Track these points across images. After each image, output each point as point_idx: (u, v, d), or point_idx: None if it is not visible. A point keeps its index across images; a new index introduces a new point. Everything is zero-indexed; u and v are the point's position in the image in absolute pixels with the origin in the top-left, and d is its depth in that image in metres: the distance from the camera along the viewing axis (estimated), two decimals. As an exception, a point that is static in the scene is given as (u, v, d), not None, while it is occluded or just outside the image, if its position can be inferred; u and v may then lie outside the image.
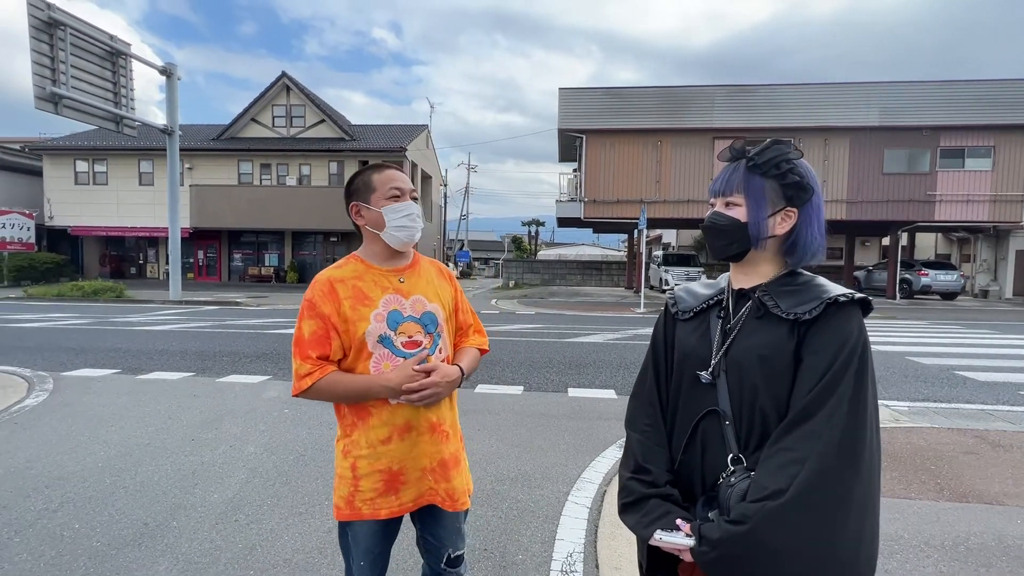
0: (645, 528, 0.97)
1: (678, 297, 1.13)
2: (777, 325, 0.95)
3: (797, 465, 0.85)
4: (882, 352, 7.73)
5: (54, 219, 22.90)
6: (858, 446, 0.86)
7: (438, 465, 1.36)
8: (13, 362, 6.33)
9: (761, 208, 0.98)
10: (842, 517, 0.84)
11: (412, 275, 1.39)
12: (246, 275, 23.73)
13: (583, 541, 2.45)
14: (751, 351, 0.96)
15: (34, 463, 3.32)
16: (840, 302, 0.93)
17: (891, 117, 17.52)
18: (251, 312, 12.74)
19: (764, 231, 0.99)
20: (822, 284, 0.98)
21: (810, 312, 0.93)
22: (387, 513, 1.34)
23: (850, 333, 0.91)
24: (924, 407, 4.86)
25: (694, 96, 18.23)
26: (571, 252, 36.02)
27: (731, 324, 1.01)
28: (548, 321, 11.60)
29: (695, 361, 1.02)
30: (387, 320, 1.32)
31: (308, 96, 23.58)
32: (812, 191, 0.99)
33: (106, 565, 2.22)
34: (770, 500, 0.84)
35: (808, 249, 1.00)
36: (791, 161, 0.98)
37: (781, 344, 0.94)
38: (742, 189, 1.00)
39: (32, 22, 11.82)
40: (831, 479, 0.84)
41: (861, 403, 0.87)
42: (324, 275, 1.35)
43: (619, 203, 18.49)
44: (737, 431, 0.96)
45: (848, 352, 0.89)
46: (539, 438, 3.93)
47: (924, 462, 3.42)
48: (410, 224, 1.34)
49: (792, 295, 0.97)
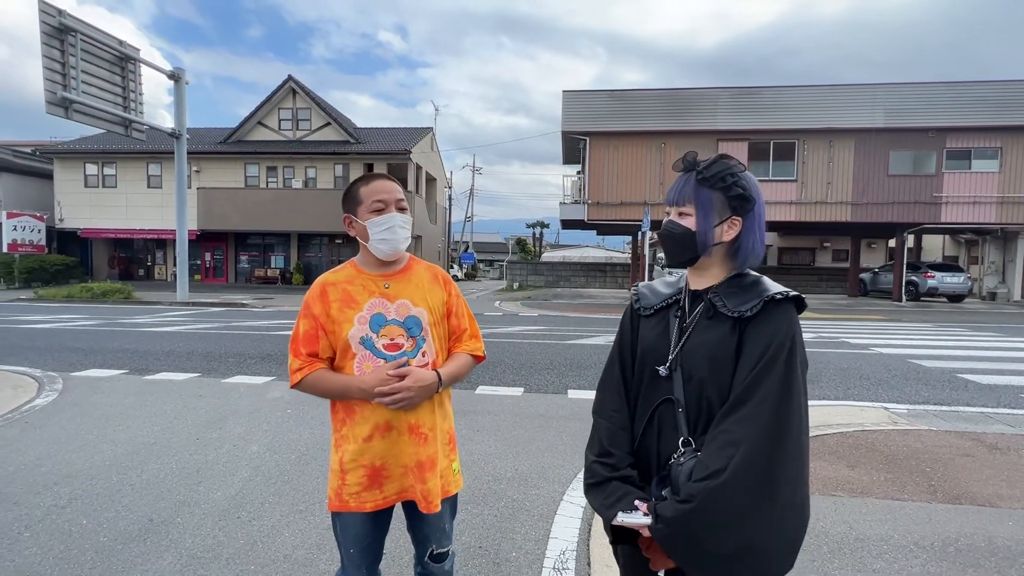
0: (608, 509, 1.07)
1: (641, 294, 1.23)
2: (723, 322, 1.06)
3: (733, 447, 0.96)
4: (884, 355, 7.72)
5: (64, 221, 23.22)
6: (786, 427, 0.97)
7: (415, 466, 1.41)
8: (24, 362, 6.46)
9: (709, 218, 1.09)
10: (774, 490, 0.96)
11: (401, 280, 1.46)
12: (252, 277, 23.94)
13: (576, 540, 2.50)
14: (701, 348, 1.07)
15: (44, 461, 3.41)
16: (776, 299, 1.04)
17: (896, 118, 17.45)
18: (256, 313, 12.88)
19: (711, 239, 1.09)
20: (764, 284, 1.08)
21: (751, 309, 1.04)
22: (372, 506, 1.40)
23: (780, 326, 1.01)
24: (923, 410, 4.86)
25: (698, 98, 18.24)
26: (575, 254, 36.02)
27: (687, 323, 1.12)
28: (551, 323, 11.64)
29: (655, 356, 1.13)
30: (370, 322, 1.39)
31: (314, 99, 23.78)
32: (754, 202, 1.09)
33: (112, 560, 2.29)
34: (711, 479, 0.95)
35: (751, 253, 1.11)
36: (735, 174, 1.08)
37: (725, 340, 1.05)
38: (692, 200, 1.09)
39: (43, 28, 12.04)
40: (762, 456, 0.95)
41: (790, 388, 0.98)
42: (320, 278, 1.46)
43: (623, 205, 18.51)
44: (688, 417, 1.07)
45: (779, 343, 0.99)
46: (537, 439, 3.98)
47: (919, 464, 3.44)
48: (390, 236, 1.40)
49: (738, 295, 1.08)
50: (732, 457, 0.95)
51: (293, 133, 23.91)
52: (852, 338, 9.40)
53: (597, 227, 22.59)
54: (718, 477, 0.94)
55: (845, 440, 3.89)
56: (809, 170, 18.11)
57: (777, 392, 0.97)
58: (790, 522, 0.99)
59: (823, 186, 18.06)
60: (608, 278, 27.10)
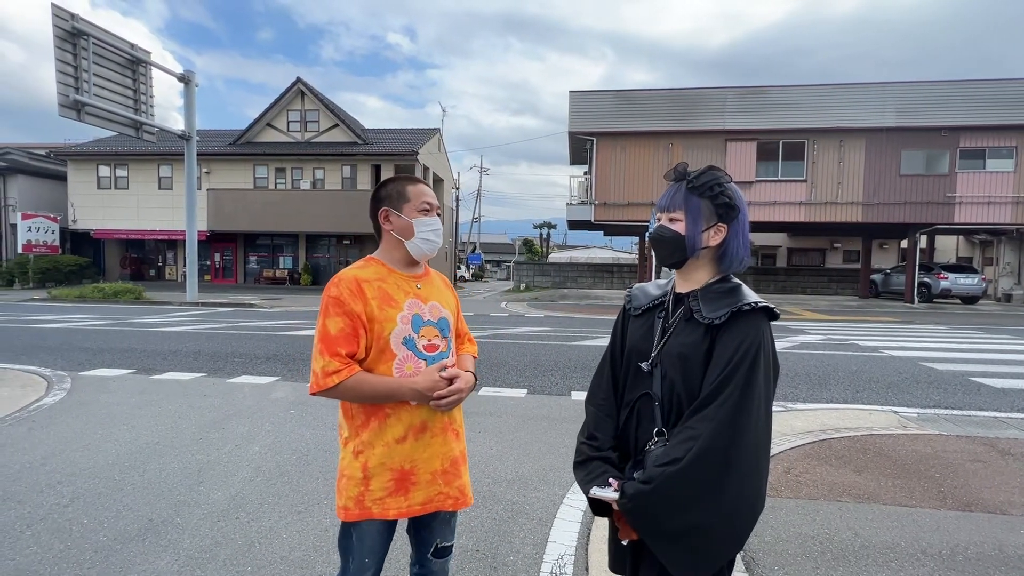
0: (586, 484, 1.21)
1: (633, 295, 1.34)
2: (697, 328, 1.16)
3: (693, 441, 1.07)
4: (895, 357, 7.60)
5: (77, 222, 23.56)
6: (743, 426, 1.07)
7: (450, 464, 1.42)
8: (35, 361, 6.55)
9: (697, 223, 1.18)
10: (725, 480, 1.07)
11: (427, 283, 1.48)
12: (261, 277, 24.13)
13: (575, 544, 2.47)
14: (676, 348, 1.18)
15: (49, 459, 3.44)
16: (743, 310, 1.12)
17: (908, 118, 17.21)
18: (264, 314, 12.96)
19: (699, 243, 1.19)
20: (739, 294, 1.17)
21: (720, 318, 1.13)
22: (395, 513, 1.37)
23: (747, 335, 1.10)
24: (934, 414, 4.77)
25: (705, 98, 18.11)
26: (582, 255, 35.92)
27: (668, 324, 1.22)
28: (556, 324, 11.61)
29: (639, 353, 1.24)
30: (412, 322, 1.38)
31: (322, 101, 23.93)
32: (739, 210, 1.19)
33: (110, 559, 2.30)
34: (670, 466, 1.08)
35: (735, 258, 1.21)
36: (722, 184, 1.18)
37: (697, 344, 1.15)
38: (682, 207, 1.19)
39: (57, 32, 12.22)
40: (717, 451, 1.06)
41: (751, 392, 1.07)
42: (350, 274, 1.36)
43: (630, 206, 18.42)
44: (663, 410, 1.18)
45: (744, 351, 1.09)
46: (539, 441, 3.96)
47: (928, 470, 3.37)
48: (435, 239, 1.43)
49: (714, 301, 1.17)
50: (690, 449, 1.06)
51: (301, 135, 24.08)
52: (862, 340, 9.27)
53: (604, 228, 22.50)
54: (676, 464, 1.07)
55: (852, 444, 3.82)
56: (819, 170, 17.91)
57: (738, 396, 1.07)
58: (739, 511, 1.09)
59: (833, 186, 17.86)
60: (615, 279, 27.00)
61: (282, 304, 15.42)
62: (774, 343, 1.15)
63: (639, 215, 17.98)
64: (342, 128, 23.82)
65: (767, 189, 18.01)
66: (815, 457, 3.57)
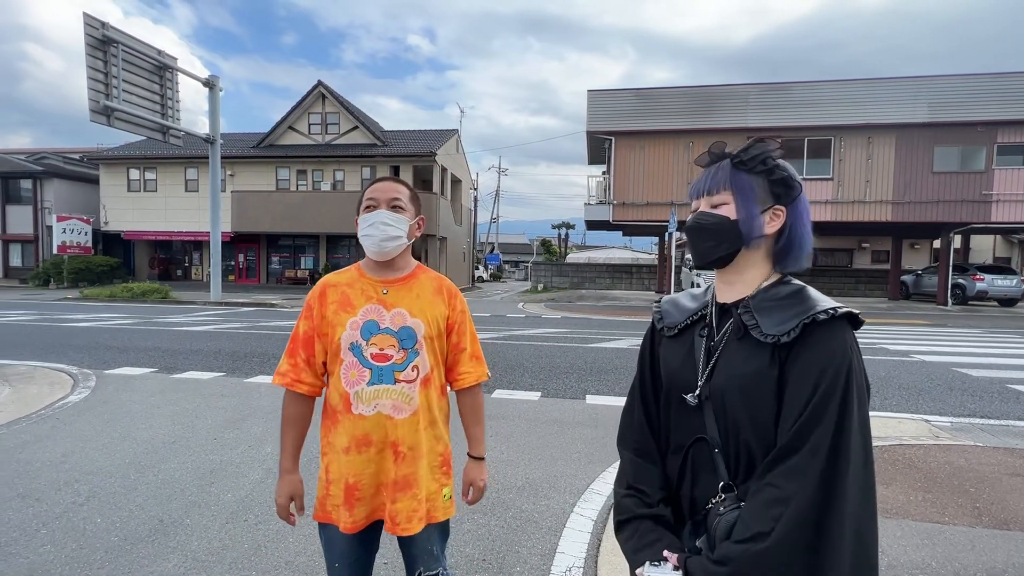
0: (634, 554, 0.95)
1: (664, 311, 1.08)
2: (757, 349, 0.90)
3: (781, 505, 0.81)
4: (926, 362, 7.29)
5: (109, 224, 24.33)
6: (843, 482, 0.82)
7: (391, 484, 1.35)
8: (63, 359, 6.75)
9: (751, 204, 0.94)
10: (827, 557, 0.81)
11: (401, 288, 1.39)
12: (283, 277, 24.57)
13: (584, 556, 2.40)
14: (733, 380, 0.91)
15: (69, 457, 3.51)
16: (819, 320, 0.86)
17: (942, 112, 16.55)
18: (284, 314, 13.17)
19: (757, 228, 0.94)
20: (807, 297, 0.91)
21: (788, 334, 0.87)
22: (343, 527, 1.34)
23: (832, 355, 0.84)
24: (969, 423, 4.54)
25: (727, 95, 17.75)
26: (601, 255, 35.62)
27: (714, 343, 0.97)
28: (573, 325, 11.50)
29: (680, 383, 0.98)
30: (361, 328, 1.34)
31: (342, 103, 24.24)
32: (799, 188, 0.95)
33: (120, 560, 2.31)
34: (753, 543, 0.81)
35: (803, 249, 0.95)
36: (775, 158, 0.95)
37: (763, 371, 0.89)
38: (729, 186, 0.95)
39: (88, 40, 12.64)
40: (811, 520, 0.81)
41: (847, 430, 0.82)
42: (323, 279, 1.44)
43: (648, 205, 18.17)
44: (726, 459, 0.92)
45: (830, 380, 0.83)
46: (551, 446, 3.89)
47: (963, 483, 3.19)
48: (372, 232, 1.34)
49: (775, 310, 0.91)
50: (779, 518, 0.81)
51: (322, 137, 24.43)
52: (892, 344, 8.93)
53: (623, 228, 22.26)
54: (762, 541, 0.81)
55: (880, 455, 3.65)
56: (846, 168, 17.38)
57: (830, 441, 0.81)
58: None
59: (861, 184, 17.30)
60: (634, 279, 26.67)
61: (302, 304, 15.63)
62: (862, 359, 0.88)
63: (658, 215, 17.71)
64: (361, 130, 24.09)
65: (791, 188, 17.55)
66: (839, 468, 3.42)
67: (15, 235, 25.08)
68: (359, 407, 1.33)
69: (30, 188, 24.84)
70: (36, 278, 22.18)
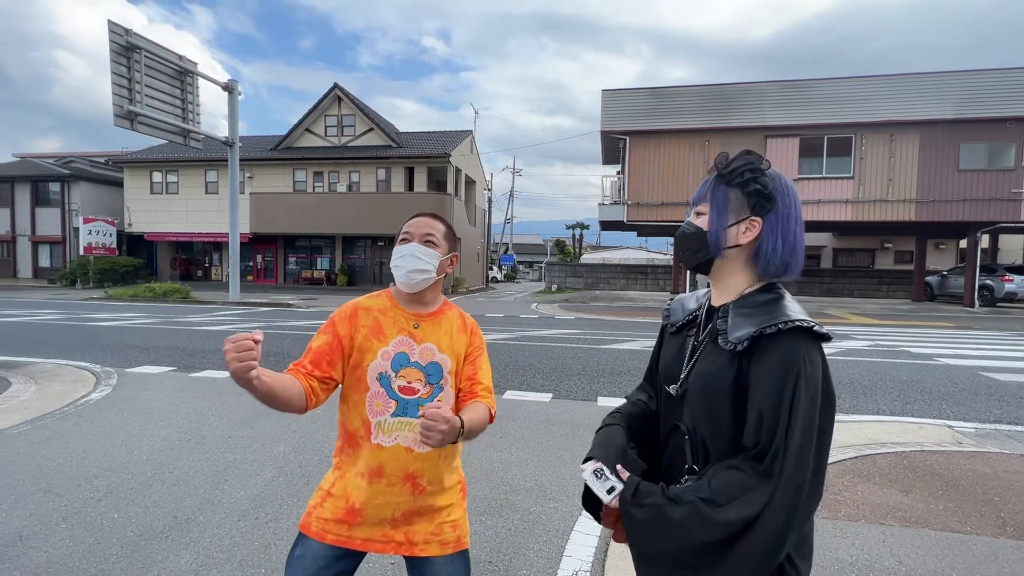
0: (591, 449, 1.07)
1: (672, 309, 1.18)
2: (722, 353, 0.98)
3: (740, 490, 0.88)
4: (950, 366, 7.08)
5: (132, 226, 24.98)
6: (802, 495, 0.87)
7: (402, 515, 1.32)
8: (87, 357, 6.94)
9: (722, 216, 1.00)
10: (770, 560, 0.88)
11: (431, 323, 1.39)
12: (300, 278, 24.93)
13: (591, 559, 2.38)
14: (699, 379, 1.00)
15: (89, 454, 3.60)
16: (767, 333, 0.91)
17: (968, 108, 16.07)
18: (300, 314, 13.35)
19: (723, 240, 1.01)
20: (775, 309, 0.95)
21: (742, 343, 0.94)
22: (332, 539, 1.31)
23: (782, 365, 0.89)
24: (995, 429, 4.40)
25: (744, 93, 17.47)
26: (615, 256, 35.38)
27: (697, 342, 1.06)
28: (587, 326, 11.43)
29: (669, 375, 1.09)
30: (393, 360, 1.33)
31: (358, 106, 24.51)
32: (775, 201, 0.98)
33: (135, 555, 2.36)
34: (706, 505, 0.89)
35: (771, 260, 0.98)
36: (756, 170, 0.99)
37: (721, 374, 0.96)
38: (708, 198, 1.03)
39: (113, 47, 12.97)
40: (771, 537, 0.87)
41: (803, 454, 0.87)
42: (353, 301, 1.41)
43: (664, 206, 17.98)
44: (692, 446, 1.02)
45: (778, 387, 0.88)
46: (561, 448, 3.87)
47: (986, 492, 3.08)
48: (402, 264, 1.34)
49: (746, 318, 0.97)
50: (731, 500, 0.88)
51: (338, 139, 24.72)
52: (914, 347, 8.69)
53: (637, 228, 22.07)
54: (712, 507, 0.89)
55: (900, 461, 3.56)
56: (867, 166, 16.98)
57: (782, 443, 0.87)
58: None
59: (883, 183, 16.89)
60: (649, 280, 26.44)
61: (318, 304, 15.84)
62: (825, 370, 0.91)
63: (673, 215, 17.53)
64: (377, 132, 24.32)
65: (811, 187, 17.20)
66: (856, 474, 3.33)
67: (44, 236, 25.90)
68: (379, 437, 1.31)
69: (58, 191, 25.63)
70: (63, 278, 22.86)
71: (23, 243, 26.15)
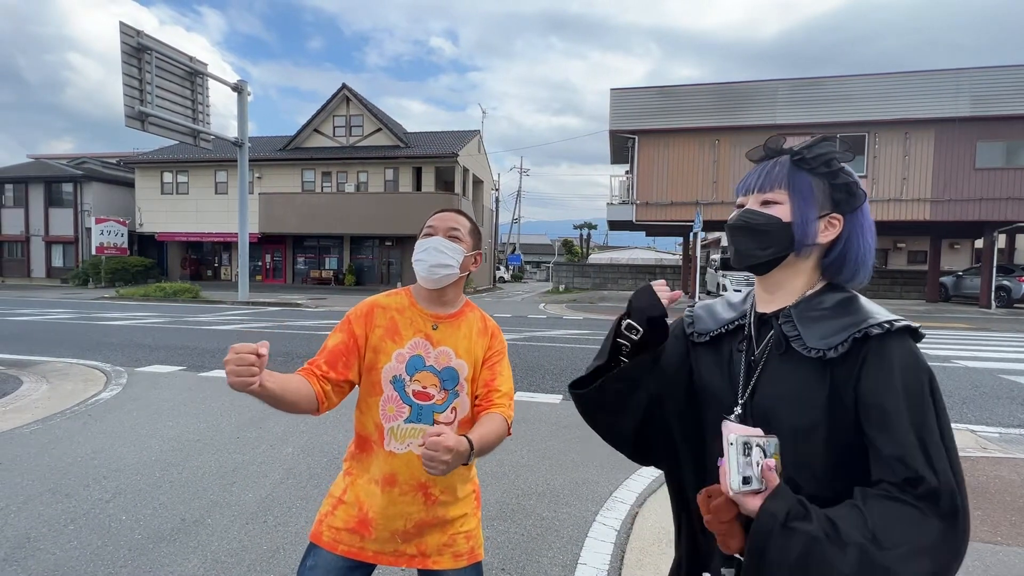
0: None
1: (696, 317, 1.00)
2: (802, 364, 0.81)
3: (928, 559, 0.70)
4: (969, 368, 6.92)
5: (143, 226, 25.20)
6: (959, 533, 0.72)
7: (413, 527, 1.26)
8: (98, 357, 6.97)
9: (810, 207, 0.85)
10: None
11: (449, 326, 1.32)
12: (308, 278, 25.02)
13: (607, 567, 2.31)
14: (778, 403, 0.82)
15: (98, 454, 3.59)
16: (873, 333, 0.76)
17: (985, 106, 15.78)
18: (309, 313, 13.37)
19: (811, 234, 0.85)
20: (859, 309, 0.82)
21: (835, 349, 0.78)
22: (344, 550, 1.26)
23: (907, 370, 0.75)
24: (1020, 434, 4.27)
25: (754, 91, 17.29)
26: (623, 256, 35.23)
27: (754, 357, 0.88)
28: (595, 327, 11.35)
29: (717, 400, 0.91)
30: (407, 363, 1.28)
31: (366, 106, 24.57)
32: (863, 197, 0.87)
33: (143, 559, 2.33)
34: (875, 547, 0.69)
35: (860, 265, 0.87)
36: (840, 161, 0.86)
37: (811, 394, 0.80)
38: (785, 185, 0.86)
39: (124, 48, 13.07)
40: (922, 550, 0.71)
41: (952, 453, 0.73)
42: (370, 298, 1.36)
43: (673, 205, 17.84)
44: None
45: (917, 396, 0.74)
46: (573, 451, 3.80)
47: (1016, 500, 2.98)
48: (425, 257, 1.28)
49: (820, 321, 0.82)
50: (907, 541, 0.70)
51: (346, 139, 24.79)
52: (931, 349, 8.52)
53: (646, 228, 21.94)
54: (879, 549, 0.69)
55: (922, 467, 3.45)
56: (881, 165, 16.74)
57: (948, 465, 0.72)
58: None
59: (897, 182, 16.63)
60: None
61: (326, 304, 15.87)
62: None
63: (682, 215, 17.38)
64: (385, 132, 24.36)
65: (822, 186, 17.01)
66: (878, 480, 3.24)
67: (57, 237, 26.21)
68: (391, 444, 1.26)
69: (71, 192, 25.92)
70: (76, 278, 23.12)
71: (36, 243, 26.48)
